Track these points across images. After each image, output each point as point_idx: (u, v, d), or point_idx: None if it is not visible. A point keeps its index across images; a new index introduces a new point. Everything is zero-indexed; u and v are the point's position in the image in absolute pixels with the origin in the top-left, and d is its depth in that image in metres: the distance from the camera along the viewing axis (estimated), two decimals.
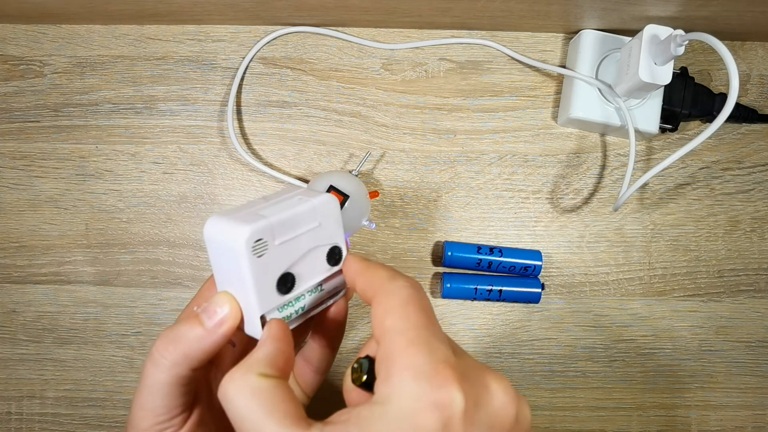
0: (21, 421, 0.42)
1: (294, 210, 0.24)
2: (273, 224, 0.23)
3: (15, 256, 0.42)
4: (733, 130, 0.43)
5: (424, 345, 0.20)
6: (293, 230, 0.24)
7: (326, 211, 0.26)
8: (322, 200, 0.25)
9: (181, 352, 0.23)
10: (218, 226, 0.23)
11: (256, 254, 0.23)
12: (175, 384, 0.23)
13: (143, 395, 0.24)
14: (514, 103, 0.43)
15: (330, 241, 0.26)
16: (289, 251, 0.24)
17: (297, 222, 0.24)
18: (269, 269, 0.23)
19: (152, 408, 0.24)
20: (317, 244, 0.25)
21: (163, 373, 0.23)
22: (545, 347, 0.42)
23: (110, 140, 0.43)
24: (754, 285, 0.43)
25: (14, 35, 0.43)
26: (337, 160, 0.43)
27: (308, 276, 0.25)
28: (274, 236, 0.23)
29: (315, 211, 0.25)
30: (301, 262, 0.25)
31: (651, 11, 0.38)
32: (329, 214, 0.26)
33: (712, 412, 0.42)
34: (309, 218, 0.25)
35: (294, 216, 0.24)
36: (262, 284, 0.23)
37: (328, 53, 0.43)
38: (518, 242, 0.43)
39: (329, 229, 0.26)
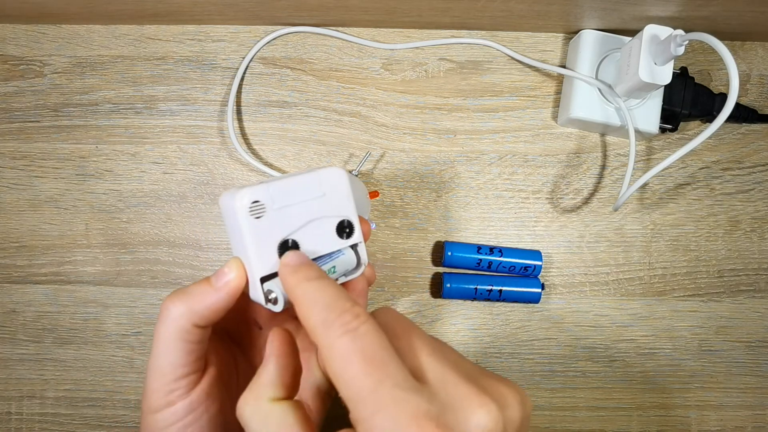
0: (21, 421, 0.42)
1: (296, 177, 0.25)
2: (271, 188, 0.24)
3: (15, 256, 0.42)
4: (733, 130, 0.43)
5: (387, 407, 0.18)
6: (294, 197, 0.25)
7: (332, 181, 0.26)
8: (327, 170, 0.26)
9: (187, 306, 0.24)
10: (227, 195, 0.25)
11: (253, 215, 0.24)
12: (180, 338, 0.24)
13: (153, 355, 0.24)
14: (514, 103, 0.43)
15: (339, 213, 0.26)
16: (290, 217, 0.25)
17: (298, 189, 0.25)
18: (269, 232, 0.24)
19: (160, 366, 0.24)
20: (323, 215, 0.26)
21: (169, 325, 0.24)
22: (545, 347, 0.42)
23: (110, 140, 0.43)
24: (754, 285, 0.43)
25: (14, 35, 0.43)
26: (337, 160, 0.43)
27: (314, 246, 0.25)
28: (272, 200, 0.24)
29: (319, 180, 0.25)
30: (305, 230, 0.25)
31: (651, 11, 0.38)
32: (336, 186, 0.26)
33: (712, 412, 0.42)
34: (312, 187, 0.25)
35: (295, 183, 0.25)
36: (261, 246, 0.24)
37: (328, 53, 0.43)
38: (518, 242, 0.43)
39: (337, 201, 0.26)
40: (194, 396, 0.25)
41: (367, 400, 0.19)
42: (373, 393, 0.19)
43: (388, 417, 0.18)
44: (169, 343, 0.24)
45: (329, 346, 0.20)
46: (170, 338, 0.24)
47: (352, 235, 0.26)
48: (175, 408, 0.24)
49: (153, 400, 0.24)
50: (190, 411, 0.25)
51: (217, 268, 0.25)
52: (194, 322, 0.24)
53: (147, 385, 0.25)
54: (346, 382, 0.19)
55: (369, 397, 0.19)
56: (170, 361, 0.24)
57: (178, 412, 0.24)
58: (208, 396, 0.25)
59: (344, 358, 0.20)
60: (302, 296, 0.22)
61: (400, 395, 0.19)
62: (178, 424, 0.24)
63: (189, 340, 0.24)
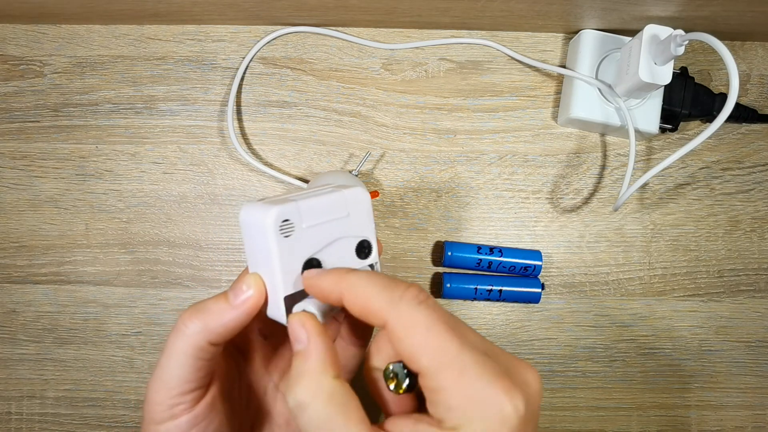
0: (21, 421, 0.42)
1: (323, 197, 0.25)
2: (301, 207, 0.24)
3: (15, 256, 0.42)
4: (733, 130, 0.43)
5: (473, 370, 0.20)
6: (321, 216, 0.25)
7: (356, 202, 0.26)
8: (353, 191, 0.26)
9: (203, 322, 0.24)
10: (251, 210, 0.24)
11: (283, 234, 0.24)
12: (193, 355, 0.24)
13: (161, 366, 0.24)
14: (514, 103, 0.43)
15: (359, 233, 0.26)
16: (316, 236, 0.25)
17: (326, 208, 0.25)
18: (295, 251, 0.24)
19: (167, 380, 0.24)
20: (346, 235, 0.26)
21: (183, 341, 0.24)
22: (545, 347, 0.42)
23: (110, 140, 0.43)
24: (754, 285, 0.43)
25: (14, 35, 0.43)
26: (337, 160, 0.43)
27: (334, 264, 0.26)
28: (301, 219, 0.24)
29: (345, 201, 0.26)
30: (328, 249, 0.25)
31: (651, 11, 0.38)
32: (359, 206, 0.26)
33: (712, 412, 0.42)
34: (338, 206, 0.26)
35: (323, 202, 0.25)
36: (287, 265, 0.24)
37: (328, 53, 0.43)
38: (518, 242, 0.43)
39: (359, 221, 0.26)
40: (198, 410, 0.25)
41: (453, 363, 0.20)
42: (458, 356, 0.20)
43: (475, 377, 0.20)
44: (181, 359, 0.24)
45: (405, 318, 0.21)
46: (182, 354, 0.24)
47: (370, 255, 0.27)
48: (178, 421, 0.24)
49: (156, 412, 0.24)
50: (194, 425, 0.24)
51: (232, 281, 0.25)
52: (209, 340, 0.24)
53: (150, 396, 0.24)
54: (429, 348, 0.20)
55: (455, 360, 0.20)
56: (178, 375, 0.24)
57: (181, 426, 0.24)
58: (212, 410, 0.25)
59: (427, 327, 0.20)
60: (354, 285, 0.22)
61: (480, 358, 0.20)
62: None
63: (201, 357, 0.24)
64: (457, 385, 0.20)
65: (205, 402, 0.25)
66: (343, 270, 0.24)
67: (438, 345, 0.20)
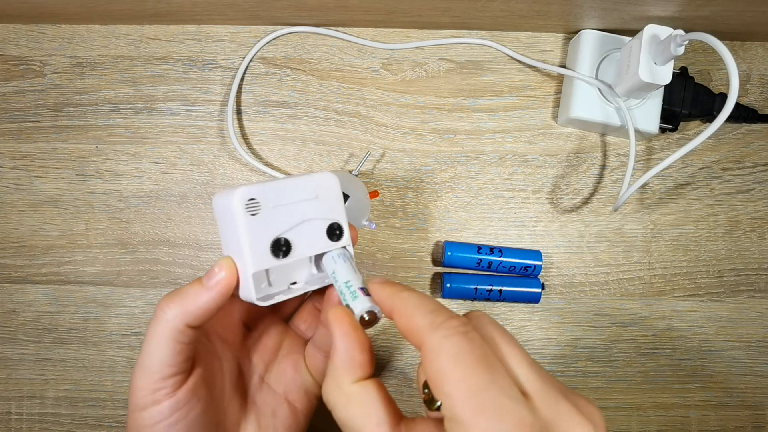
0: (21, 421, 0.42)
1: (291, 179, 0.26)
2: (266, 188, 0.25)
3: (15, 256, 0.42)
4: (733, 130, 0.43)
5: (492, 412, 0.19)
6: (288, 197, 0.26)
7: (324, 185, 0.27)
8: (321, 175, 0.27)
9: (180, 306, 0.25)
10: (221, 194, 0.26)
11: (249, 212, 0.25)
12: (172, 338, 0.25)
13: (143, 353, 0.25)
14: (514, 103, 0.43)
15: (329, 216, 0.27)
16: (283, 217, 0.26)
17: (292, 190, 0.26)
18: (262, 229, 0.25)
19: (149, 365, 0.25)
20: (315, 217, 0.27)
21: (162, 325, 0.25)
22: (545, 347, 0.42)
23: (110, 140, 0.43)
24: (754, 285, 0.43)
25: (14, 35, 0.43)
26: (337, 160, 0.43)
27: (306, 246, 0.26)
28: (267, 199, 0.25)
29: (312, 183, 0.27)
30: (297, 230, 0.26)
31: (651, 11, 0.38)
32: (327, 190, 0.27)
33: (712, 412, 0.42)
34: (305, 189, 0.27)
35: (290, 184, 0.26)
36: (255, 242, 0.25)
37: (328, 53, 0.43)
38: (518, 242, 0.43)
39: (328, 204, 0.27)
40: (180, 395, 0.25)
41: (472, 400, 0.19)
42: (479, 394, 0.19)
43: (492, 421, 0.19)
44: (161, 343, 0.25)
45: (438, 344, 0.21)
46: (162, 337, 0.25)
47: (341, 237, 0.27)
48: (161, 407, 0.25)
49: (139, 397, 0.25)
50: (175, 410, 0.25)
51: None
52: (187, 323, 0.25)
53: (133, 382, 0.25)
54: (452, 379, 0.20)
55: (474, 397, 0.19)
56: (159, 359, 0.25)
57: (163, 411, 0.25)
58: (194, 395, 0.26)
59: (455, 356, 0.20)
60: (405, 301, 0.23)
61: (506, 402, 0.19)
62: (163, 422, 0.25)
63: (180, 341, 0.25)
64: (472, 421, 0.19)
65: (186, 388, 0.25)
66: (400, 287, 0.24)
67: (461, 377, 0.20)
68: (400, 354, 0.42)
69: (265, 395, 0.30)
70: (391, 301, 0.24)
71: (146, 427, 0.25)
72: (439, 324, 0.22)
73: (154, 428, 0.25)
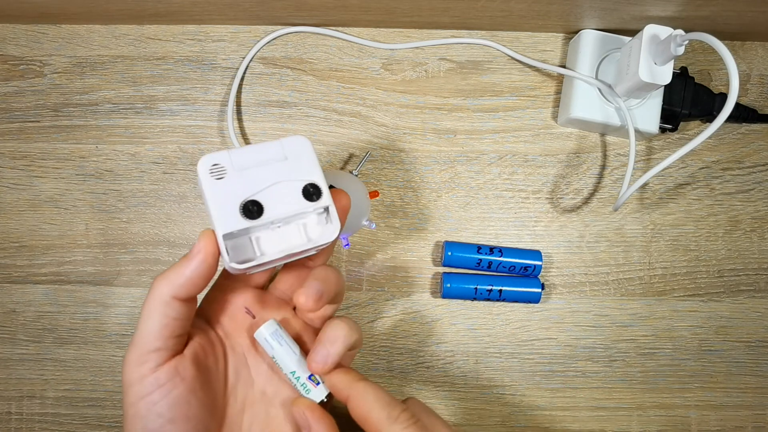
0: (21, 421, 0.42)
1: (257, 144, 0.27)
2: (232, 153, 0.26)
3: (15, 256, 0.42)
4: (733, 130, 0.43)
5: None
6: (254, 160, 0.26)
7: (295, 147, 0.27)
8: (290, 138, 0.27)
9: (166, 279, 0.26)
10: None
11: (213, 176, 0.26)
12: (160, 312, 0.26)
13: (136, 329, 0.26)
14: (514, 103, 0.43)
15: (303, 177, 0.27)
16: (251, 179, 0.26)
17: (260, 153, 0.26)
18: (229, 192, 0.26)
19: (138, 339, 0.26)
20: (287, 178, 0.27)
21: (151, 299, 0.26)
22: (545, 347, 0.42)
23: (110, 140, 0.43)
24: (754, 285, 0.43)
25: (14, 35, 0.43)
26: (337, 160, 0.43)
27: (280, 207, 0.26)
28: (232, 163, 0.26)
29: (281, 146, 0.27)
30: (269, 192, 0.26)
31: (651, 11, 0.38)
32: (299, 151, 0.27)
33: (712, 412, 0.42)
34: (274, 152, 0.27)
35: (255, 148, 0.27)
36: (222, 205, 0.25)
37: (328, 53, 0.43)
38: (518, 242, 0.43)
39: (301, 166, 0.27)
40: (162, 371, 0.26)
41: None
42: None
43: None
44: (149, 315, 0.26)
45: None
46: (150, 311, 0.26)
47: (320, 197, 0.27)
48: (145, 382, 0.25)
49: (127, 372, 0.26)
50: (157, 386, 0.25)
51: None
52: (173, 294, 0.26)
53: (125, 357, 0.26)
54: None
55: None
56: (146, 332, 0.26)
57: (146, 386, 0.25)
58: (176, 374, 0.26)
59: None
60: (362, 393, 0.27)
61: None
62: (146, 398, 0.25)
63: (167, 314, 0.26)
64: None
65: (170, 364, 0.26)
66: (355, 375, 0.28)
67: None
68: (400, 354, 0.42)
69: (275, 386, 0.30)
70: (347, 391, 0.27)
71: (132, 405, 0.25)
72: (395, 417, 0.26)
73: (139, 405, 0.25)
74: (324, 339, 0.27)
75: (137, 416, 0.25)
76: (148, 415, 0.25)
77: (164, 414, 0.25)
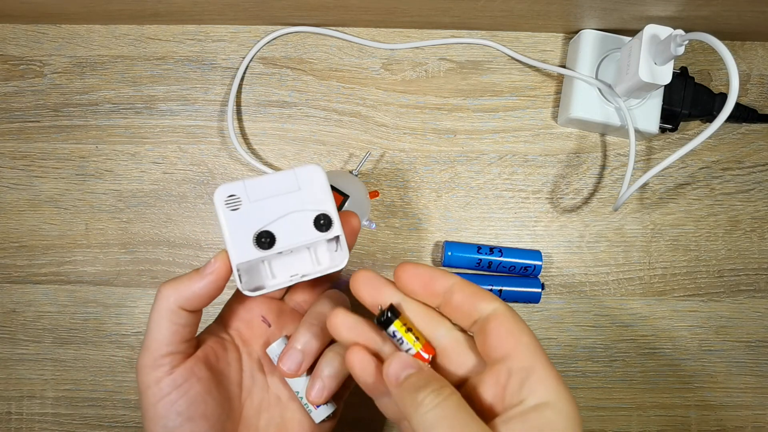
0: (21, 421, 0.42)
1: (272, 174, 0.27)
2: (247, 184, 0.27)
3: (15, 256, 0.42)
4: (733, 130, 0.43)
5: (547, 360, 0.23)
6: (269, 191, 0.27)
7: (308, 177, 0.28)
8: (304, 167, 0.28)
9: (174, 289, 0.27)
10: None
11: (229, 207, 0.27)
12: (168, 319, 0.27)
13: (146, 335, 0.27)
14: (514, 103, 0.43)
15: (315, 207, 0.28)
16: (266, 210, 0.27)
17: (273, 184, 0.27)
18: (245, 224, 0.27)
19: (149, 344, 0.27)
20: (301, 209, 0.27)
21: (158, 307, 0.27)
22: (545, 347, 0.42)
23: (110, 140, 0.43)
24: (754, 285, 0.43)
25: (14, 35, 0.43)
26: (337, 160, 0.43)
27: (291, 237, 0.27)
28: (248, 194, 0.27)
29: (295, 176, 0.27)
30: (282, 222, 0.27)
31: (651, 11, 0.38)
32: (312, 181, 0.28)
33: (712, 412, 0.42)
34: (288, 182, 0.27)
35: (270, 179, 0.27)
36: (236, 236, 0.26)
37: (328, 53, 0.43)
38: (518, 242, 0.43)
39: (313, 195, 0.28)
40: (177, 373, 0.27)
41: (538, 349, 0.23)
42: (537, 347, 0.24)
43: (551, 366, 0.23)
44: (159, 323, 0.27)
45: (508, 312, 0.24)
46: (159, 318, 0.27)
47: (330, 228, 0.28)
48: (161, 384, 0.26)
49: (143, 375, 0.27)
50: (174, 387, 0.27)
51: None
52: (180, 305, 0.27)
53: (138, 362, 0.27)
54: (529, 337, 0.24)
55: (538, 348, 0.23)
56: (157, 338, 0.27)
57: (164, 388, 0.26)
58: (192, 375, 0.27)
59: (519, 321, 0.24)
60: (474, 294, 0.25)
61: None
62: (164, 399, 0.26)
63: (175, 322, 0.27)
64: (546, 366, 0.23)
65: (184, 366, 0.27)
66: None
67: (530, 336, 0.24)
68: None
69: (290, 392, 0.31)
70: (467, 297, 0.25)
71: (151, 405, 0.26)
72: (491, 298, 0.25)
73: (158, 405, 0.26)
74: (319, 373, 0.28)
75: (157, 416, 0.26)
76: (168, 414, 0.26)
77: (183, 412, 0.26)
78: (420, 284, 0.25)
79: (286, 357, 0.28)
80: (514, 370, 0.23)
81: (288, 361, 0.28)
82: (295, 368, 0.28)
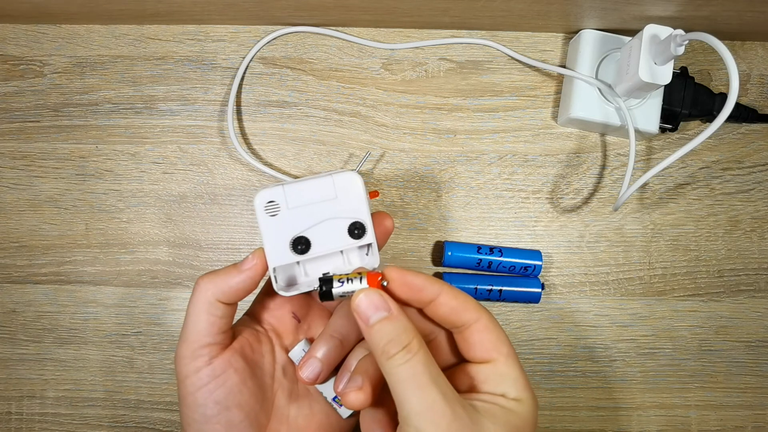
0: (21, 421, 0.42)
1: (311, 180, 0.28)
2: (287, 190, 0.28)
3: (15, 256, 0.42)
4: (733, 130, 0.43)
5: (521, 367, 0.26)
6: (307, 198, 0.28)
7: (345, 185, 0.28)
8: (342, 175, 0.28)
9: (213, 283, 0.28)
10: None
11: (268, 213, 0.28)
12: (206, 311, 0.28)
13: (184, 326, 0.28)
14: (514, 103, 0.43)
15: (351, 215, 0.28)
16: (303, 216, 0.28)
17: (312, 191, 0.28)
18: (282, 228, 0.28)
19: (188, 335, 0.28)
20: (336, 216, 0.28)
21: (196, 299, 0.28)
22: (545, 347, 0.42)
23: (110, 140, 0.43)
24: (754, 285, 0.43)
25: (14, 35, 0.43)
26: (337, 160, 0.43)
27: (326, 243, 0.28)
28: (287, 200, 0.28)
29: (333, 184, 0.28)
30: (317, 228, 0.28)
31: (651, 11, 0.38)
32: (349, 189, 0.28)
33: (712, 412, 0.42)
34: (325, 189, 0.28)
35: (309, 185, 0.28)
36: (274, 240, 0.28)
37: (328, 53, 0.43)
38: (518, 242, 0.43)
39: (349, 204, 0.28)
40: (216, 363, 0.28)
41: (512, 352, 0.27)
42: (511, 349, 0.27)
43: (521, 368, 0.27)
44: (197, 315, 0.28)
45: (490, 319, 0.27)
46: (197, 310, 0.28)
47: (363, 235, 0.29)
48: (200, 374, 0.27)
49: (182, 365, 0.28)
50: (213, 377, 0.28)
51: (228, 264, 0.29)
52: (218, 298, 0.28)
53: (177, 352, 0.28)
54: (505, 340, 0.27)
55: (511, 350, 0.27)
56: (196, 330, 0.28)
57: (203, 378, 0.27)
58: (230, 365, 0.28)
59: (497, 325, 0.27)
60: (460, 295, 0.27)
61: None
62: (203, 388, 0.27)
63: (213, 314, 0.28)
64: (520, 369, 0.26)
65: (222, 357, 0.28)
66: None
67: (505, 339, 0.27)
68: None
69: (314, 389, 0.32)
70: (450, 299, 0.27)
71: (190, 394, 0.27)
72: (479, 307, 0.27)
73: (197, 394, 0.27)
74: (346, 368, 0.29)
75: (195, 404, 0.27)
76: (206, 403, 0.27)
77: (221, 401, 0.27)
78: (406, 292, 0.26)
79: (306, 365, 0.28)
80: (491, 374, 0.26)
81: (307, 370, 0.28)
82: (314, 377, 0.28)
